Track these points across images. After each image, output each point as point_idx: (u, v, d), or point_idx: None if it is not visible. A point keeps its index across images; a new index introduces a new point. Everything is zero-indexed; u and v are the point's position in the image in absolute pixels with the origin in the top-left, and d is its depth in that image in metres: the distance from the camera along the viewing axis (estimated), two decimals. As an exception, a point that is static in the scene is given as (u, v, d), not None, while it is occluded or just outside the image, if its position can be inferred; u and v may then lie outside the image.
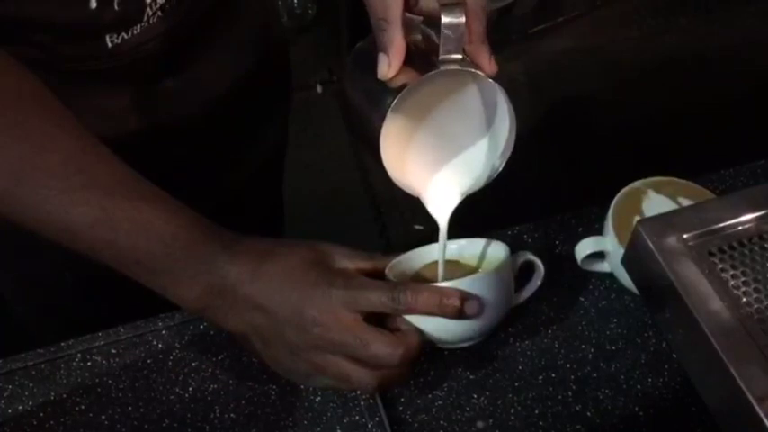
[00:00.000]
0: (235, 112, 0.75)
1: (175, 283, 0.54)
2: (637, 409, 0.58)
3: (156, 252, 0.53)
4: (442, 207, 0.57)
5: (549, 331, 0.62)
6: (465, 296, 0.53)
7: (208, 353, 0.61)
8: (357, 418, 0.58)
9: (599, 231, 0.65)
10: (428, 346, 0.56)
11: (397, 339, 0.52)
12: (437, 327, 0.54)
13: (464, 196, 0.57)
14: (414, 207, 0.58)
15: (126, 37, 0.60)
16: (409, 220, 1.77)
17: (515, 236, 0.68)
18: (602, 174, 0.81)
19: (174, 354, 0.61)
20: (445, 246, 0.57)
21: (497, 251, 0.59)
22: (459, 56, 0.49)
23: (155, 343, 0.62)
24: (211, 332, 0.62)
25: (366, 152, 0.53)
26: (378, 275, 0.57)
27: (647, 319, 0.63)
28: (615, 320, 0.63)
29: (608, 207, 0.63)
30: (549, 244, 0.68)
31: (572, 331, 0.62)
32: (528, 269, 0.60)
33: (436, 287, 0.53)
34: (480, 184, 0.56)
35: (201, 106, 0.72)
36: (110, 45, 0.60)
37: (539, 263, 0.59)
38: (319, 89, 2.12)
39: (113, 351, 0.61)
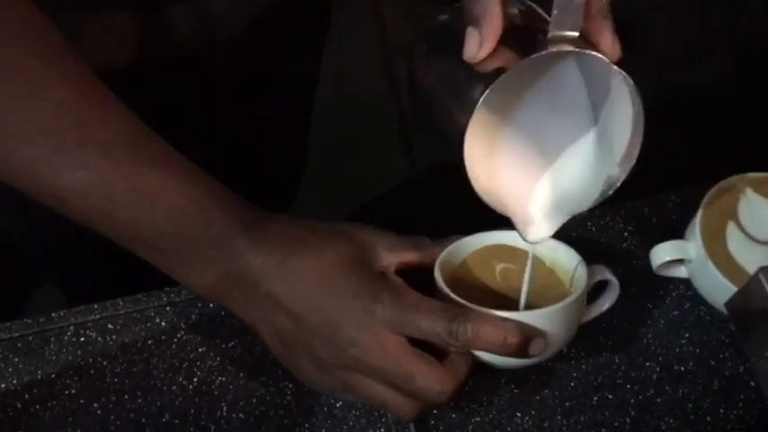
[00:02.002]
0: (261, 44, 0.65)
1: (185, 266, 0.46)
2: (704, 445, 0.51)
3: (163, 229, 0.45)
4: (537, 230, 0.47)
5: (610, 343, 0.54)
6: (532, 334, 0.44)
7: (217, 338, 0.54)
8: (383, 431, 0.50)
9: (676, 224, 0.56)
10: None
11: (447, 373, 0.44)
12: (492, 355, 0.46)
13: (569, 217, 0.46)
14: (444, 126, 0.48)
15: None
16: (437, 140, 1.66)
17: (578, 222, 0.59)
18: (669, 146, 0.70)
19: (178, 336, 0.54)
20: (530, 276, 0.49)
21: (571, 261, 0.50)
22: (576, 34, 0.39)
23: (157, 321, 0.54)
24: (222, 313, 0.54)
25: (444, 150, 0.43)
26: (425, 269, 0.49)
27: (723, 336, 0.54)
28: (687, 335, 0.55)
29: (689, 195, 0.54)
30: (616, 235, 0.59)
31: (635, 345, 0.54)
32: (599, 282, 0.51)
33: (501, 321, 0.44)
34: (591, 200, 0.45)
35: (222, 36, 0.61)
36: None
37: (615, 282, 0.50)
38: (349, -12, 1.98)
39: (110, 327, 0.54)
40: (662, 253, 0.52)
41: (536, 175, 0.47)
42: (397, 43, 1.85)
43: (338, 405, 0.51)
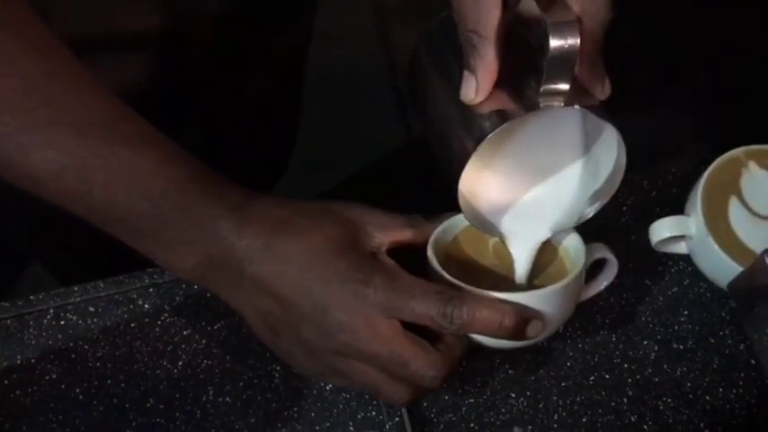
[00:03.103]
0: (251, 7, 0.62)
1: (165, 249, 0.45)
2: (702, 425, 0.49)
3: (140, 211, 0.43)
4: (522, 243, 0.48)
5: (607, 321, 0.53)
6: (529, 316, 0.43)
7: (202, 320, 0.52)
8: (374, 414, 0.49)
9: (676, 198, 0.54)
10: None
11: (441, 358, 0.43)
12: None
13: (551, 234, 0.48)
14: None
15: None
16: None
17: (575, 196, 0.57)
18: (670, 117, 0.68)
19: (162, 318, 0.52)
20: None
21: (569, 239, 0.48)
22: (567, 87, 0.39)
23: (140, 303, 0.53)
24: (207, 294, 0.53)
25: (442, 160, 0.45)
26: (417, 248, 0.47)
27: (723, 313, 0.53)
28: (686, 313, 0.53)
29: (690, 168, 0.52)
30: (614, 210, 0.57)
31: (633, 323, 0.53)
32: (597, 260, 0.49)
33: (498, 303, 0.43)
34: (574, 220, 0.48)
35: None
36: None
37: (613, 261, 0.48)
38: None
39: (91, 309, 0.52)
40: (662, 229, 0.51)
41: (520, 196, 0.48)
42: (392, 7, 1.81)
43: (328, 388, 0.50)
